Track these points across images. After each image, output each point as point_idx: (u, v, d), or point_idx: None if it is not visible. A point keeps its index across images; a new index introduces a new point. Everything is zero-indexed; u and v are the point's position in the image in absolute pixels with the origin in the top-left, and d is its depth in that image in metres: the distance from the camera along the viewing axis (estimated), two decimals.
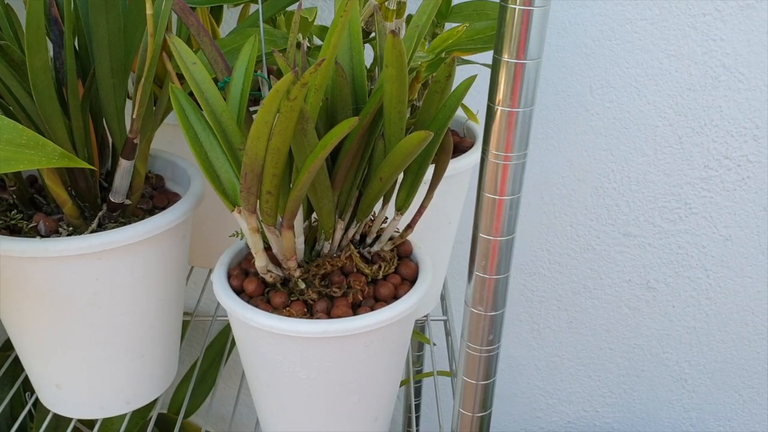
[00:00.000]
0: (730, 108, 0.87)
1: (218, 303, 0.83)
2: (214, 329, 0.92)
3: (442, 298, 0.75)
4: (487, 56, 0.59)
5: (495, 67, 0.37)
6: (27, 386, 0.74)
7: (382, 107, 0.42)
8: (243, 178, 0.40)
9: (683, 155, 0.91)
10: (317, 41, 0.65)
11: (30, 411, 0.80)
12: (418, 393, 1.00)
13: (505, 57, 0.37)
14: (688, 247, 0.97)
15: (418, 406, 1.01)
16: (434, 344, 0.80)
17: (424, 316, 0.70)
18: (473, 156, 0.61)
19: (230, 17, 0.78)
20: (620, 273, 1.00)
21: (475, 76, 0.44)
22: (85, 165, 0.38)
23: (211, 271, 0.81)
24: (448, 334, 0.71)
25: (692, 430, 1.12)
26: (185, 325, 0.77)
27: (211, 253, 0.71)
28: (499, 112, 0.38)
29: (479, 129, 0.66)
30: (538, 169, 0.92)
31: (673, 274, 0.99)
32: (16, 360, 0.74)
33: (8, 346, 0.82)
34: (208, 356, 0.87)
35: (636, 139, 0.90)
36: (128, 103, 0.51)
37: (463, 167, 0.60)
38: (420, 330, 0.89)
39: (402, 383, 0.81)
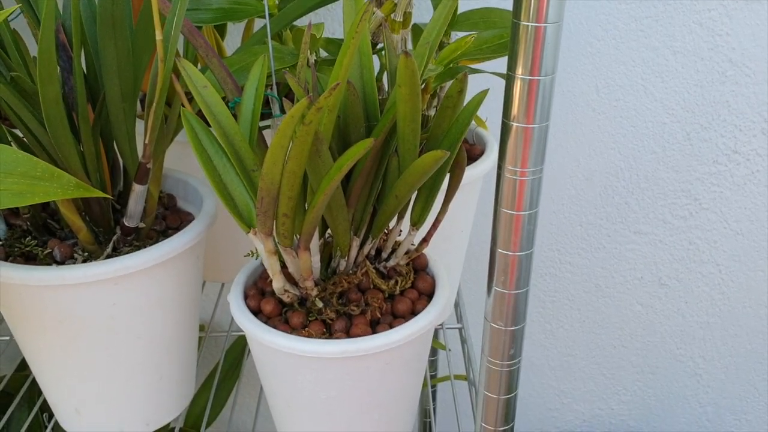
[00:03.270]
0: (738, 102, 0.87)
1: (231, 319, 0.83)
2: (229, 343, 0.92)
3: (456, 305, 0.75)
4: (496, 64, 0.59)
5: (509, 83, 0.37)
6: (45, 407, 0.74)
7: (394, 124, 0.42)
8: (259, 202, 0.40)
9: (692, 151, 0.90)
10: (323, 53, 0.65)
11: (46, 429, 0.80)
12: (434, 397, 1.00)
13: (519, 73, 0.36)
14: (699, 242, 0.97)
15: (434, 411, 1.01)
16: (449, 350, 0.80)
17: (439, 325, 0.70)
18: (484, 164, 0.61)
19: (234, 29, 0.78)
20: (632, 271, 1.00)
21: (487, 90, 0.43)
22: (101, 194, 0.38)
23: (223, 285, 0.81)
24: (463, 341, 0.71)
25: (708, 426, 1.12)
26: (200, 341, 0.77)
27: (224, 268, 0.71)
28: (514, 128, 0.38)
29: (489, 135, 0.65)
30: (547, 170, 0.91)
31: (685, 270, 0.99)
32: (34, 381, 0.74)
33: (25, 365, 0.82)
34: (224, 368, 0.87)
35: (644, 136, 0.90)
36: (138, 122, 0.51)
37: (474, 176, 0.60)
38: (434, 336, 0.89)
39: None
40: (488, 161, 0.62)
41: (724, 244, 0.97)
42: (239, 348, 0.89)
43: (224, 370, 0.85)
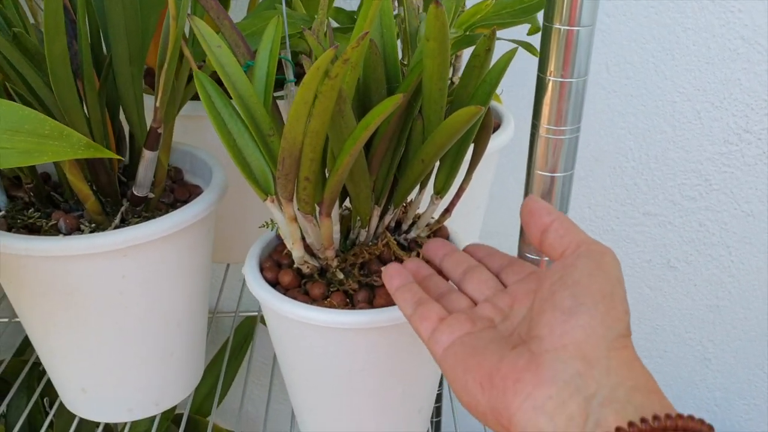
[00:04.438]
0: (750, 81, 0.85)
1: (239, 299, 0.81)
2: (236, 326, 0.89)
3: None
4: (513, 32, 0.57)
5: (546, 35, 0.35)
6: (45, 393, 0.72)
7: (418, 86, 0.40)
8: (281, 163, 0.37)
9: (702, 130, 0.89)
10: (333, 23, 0.62)
11: (47, 416, 0.77)
12: (438, 398, 0.97)
13: (557, 24, 0.35)
14: (709, 224, 0.95)
15: (438, 410, 0.99)
16: None
17: None
18: (501, 137, 0.59)
19: (237, 6, 0.76)
20: (640, 253, 0.98)
21: (516, 48, 0.41)
22: (113, 155, 0.36)
23: (229, 266, 0.79)
24: None
25: (717, 411, 1.11)
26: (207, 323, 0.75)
27: (229, 248, 0.69)
28: (551, 84, 0.36)
29: (504, 108, 0.64)
30: None
31: (694, 252, 0.98)
32: (34, 367, 0.72)
33: (24, 350, 0.80)
34: (231, 354, 0.85)
35: (654, 115, 0.88)
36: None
37: (491, 149, 0.58)
38: None
39: None
40: (504, 134, 0.60)
41: (735, 225, 0.95)
42: (245, 334, 0.87)
43: (232, 349, 0.83)
